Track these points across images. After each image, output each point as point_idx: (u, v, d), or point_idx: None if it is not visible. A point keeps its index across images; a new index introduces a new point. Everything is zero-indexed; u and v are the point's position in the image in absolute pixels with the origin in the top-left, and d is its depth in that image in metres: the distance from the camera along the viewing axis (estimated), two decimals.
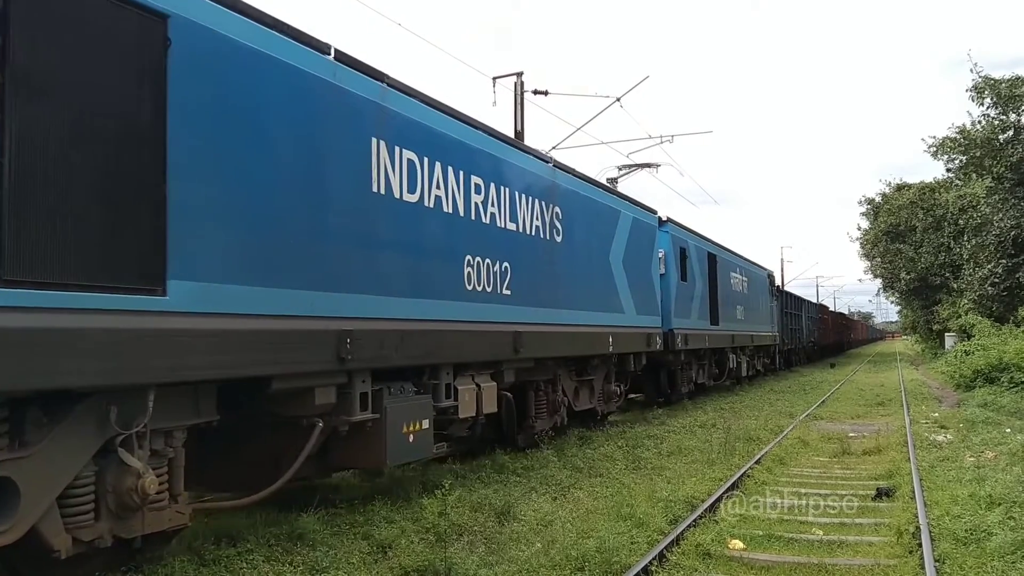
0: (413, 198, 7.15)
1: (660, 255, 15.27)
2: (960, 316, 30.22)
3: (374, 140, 6.71)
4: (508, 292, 8.81)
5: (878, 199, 45.41)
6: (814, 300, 55.88)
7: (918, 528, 6.49)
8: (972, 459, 9.95)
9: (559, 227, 10.48)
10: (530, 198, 9.67)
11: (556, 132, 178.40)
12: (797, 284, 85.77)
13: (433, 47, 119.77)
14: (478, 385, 8.44)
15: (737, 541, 6.49)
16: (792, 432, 13.13)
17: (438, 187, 7.56)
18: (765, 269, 28.78)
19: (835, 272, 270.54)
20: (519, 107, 17.69)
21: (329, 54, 6.31)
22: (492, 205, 8.64)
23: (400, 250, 6.99)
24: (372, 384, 6.68)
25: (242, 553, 5.76)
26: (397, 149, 6.98)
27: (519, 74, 17.78)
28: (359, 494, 7.92)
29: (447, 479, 7.95)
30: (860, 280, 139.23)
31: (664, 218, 16.12)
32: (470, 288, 8.05)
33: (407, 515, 6.98)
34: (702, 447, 11.29)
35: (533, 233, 9.72)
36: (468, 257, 8.08)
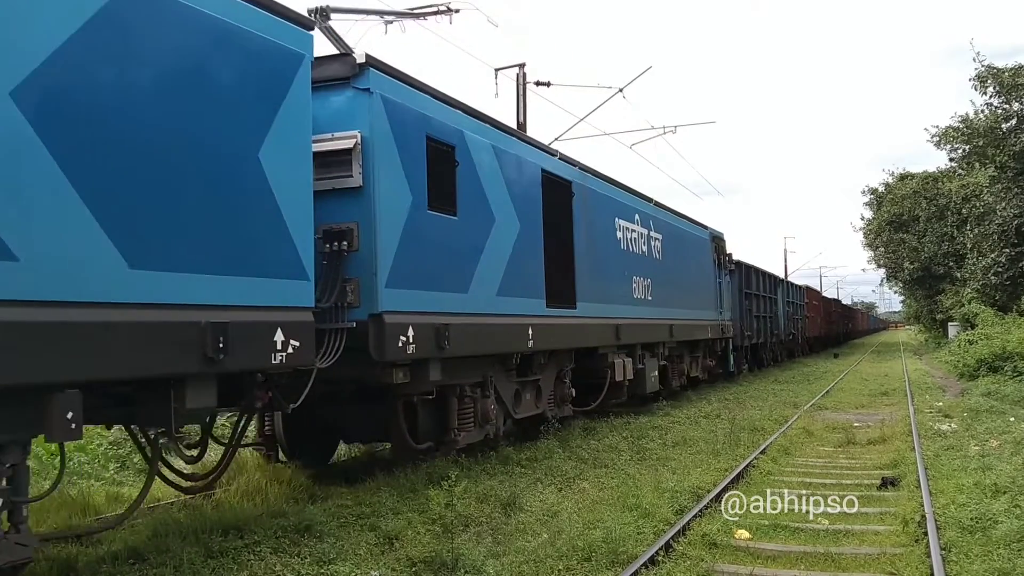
0: None
1: (350, 144, 6.92)
2: (963, 305, 30.23)
3: None
4: None
5: (881, 189, 45.32)
6: (820, 290, 54.47)
7: (924, 517, 6.50)
8: (977, 448, 9.95)
9: None
10: None
11: (559, 123, 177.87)
12: (801, 274, 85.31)
13: (436, 36, 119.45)
14: None
15: (743, 531, 6.50)
16: (797, 422, 13.13)
17: None
18: (707, 228, 20.24)
19: (838, 262, 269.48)
20: (521, 98, 17.64)
21: None
22: None
23: None
24: None
25: (249, 545, 5.77)
26: None
27: (521, 65, 17.71)
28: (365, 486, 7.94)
29: (453, 471, 7.95)
30: (863, 270, 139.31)
31: (360, 58, 7.09)
32: None
33: (413, 506, 6.99)
34: (707, 438, 11.30)
35: None
36: None
